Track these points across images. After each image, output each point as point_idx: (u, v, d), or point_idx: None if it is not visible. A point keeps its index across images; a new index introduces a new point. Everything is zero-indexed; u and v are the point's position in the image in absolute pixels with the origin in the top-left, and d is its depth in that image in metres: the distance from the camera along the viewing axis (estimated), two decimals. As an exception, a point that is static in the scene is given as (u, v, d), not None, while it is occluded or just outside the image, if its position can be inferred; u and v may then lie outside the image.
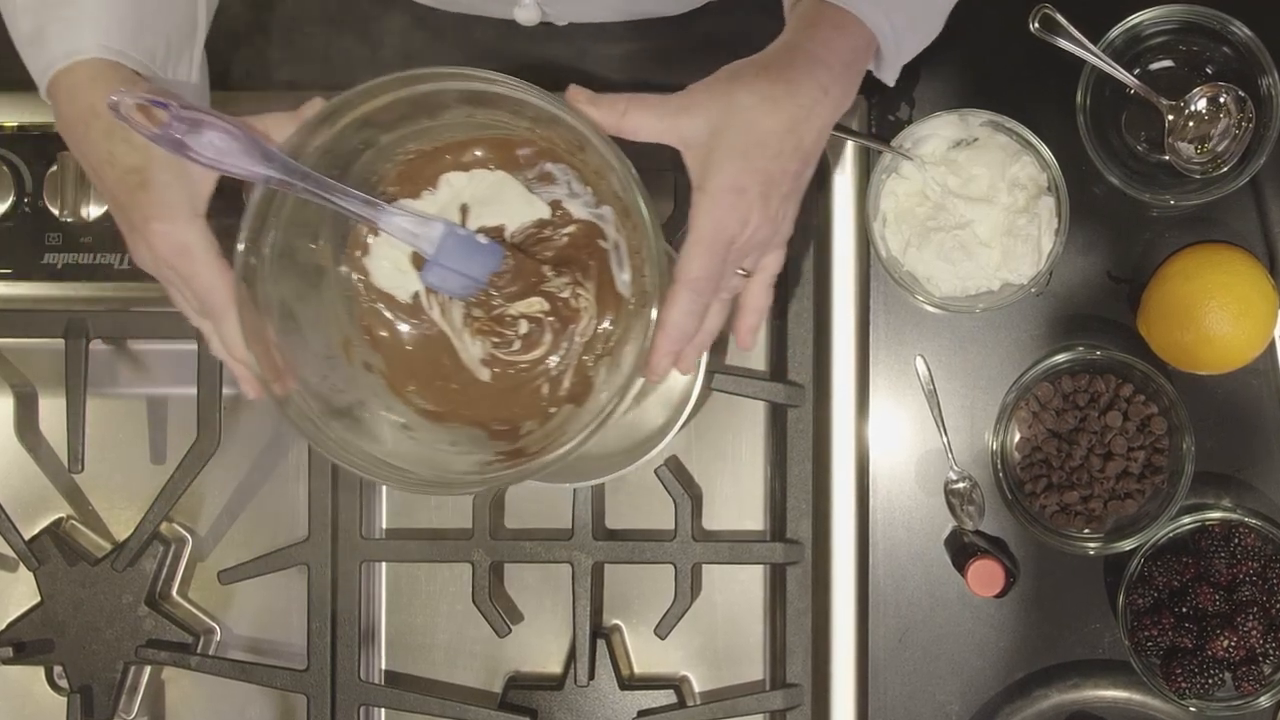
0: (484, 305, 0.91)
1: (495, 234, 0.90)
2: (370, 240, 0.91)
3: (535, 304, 0.91)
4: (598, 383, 0.91)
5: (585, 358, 0.91)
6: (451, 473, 0.88)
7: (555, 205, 0.91)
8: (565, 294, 0.91)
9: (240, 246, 0.82)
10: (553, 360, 0.92)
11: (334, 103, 0.82)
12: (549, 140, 0.88)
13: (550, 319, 0.92)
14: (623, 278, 0.90)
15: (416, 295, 0.91)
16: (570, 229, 0.91)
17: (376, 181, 0.89)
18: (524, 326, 0.91)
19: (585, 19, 1.06)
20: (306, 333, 0.88)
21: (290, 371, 0.85)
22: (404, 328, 0.92)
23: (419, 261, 0.89)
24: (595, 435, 0.82)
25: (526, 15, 1.01)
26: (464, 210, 0.90)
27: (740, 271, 0.85)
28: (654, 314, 0.81)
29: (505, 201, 0.90)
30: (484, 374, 0.92)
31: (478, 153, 0.90)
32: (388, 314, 0.92)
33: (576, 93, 0.81)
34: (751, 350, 0.91)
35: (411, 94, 0.83)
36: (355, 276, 0.91)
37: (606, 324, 0.91)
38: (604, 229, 0.90)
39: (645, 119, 0.81)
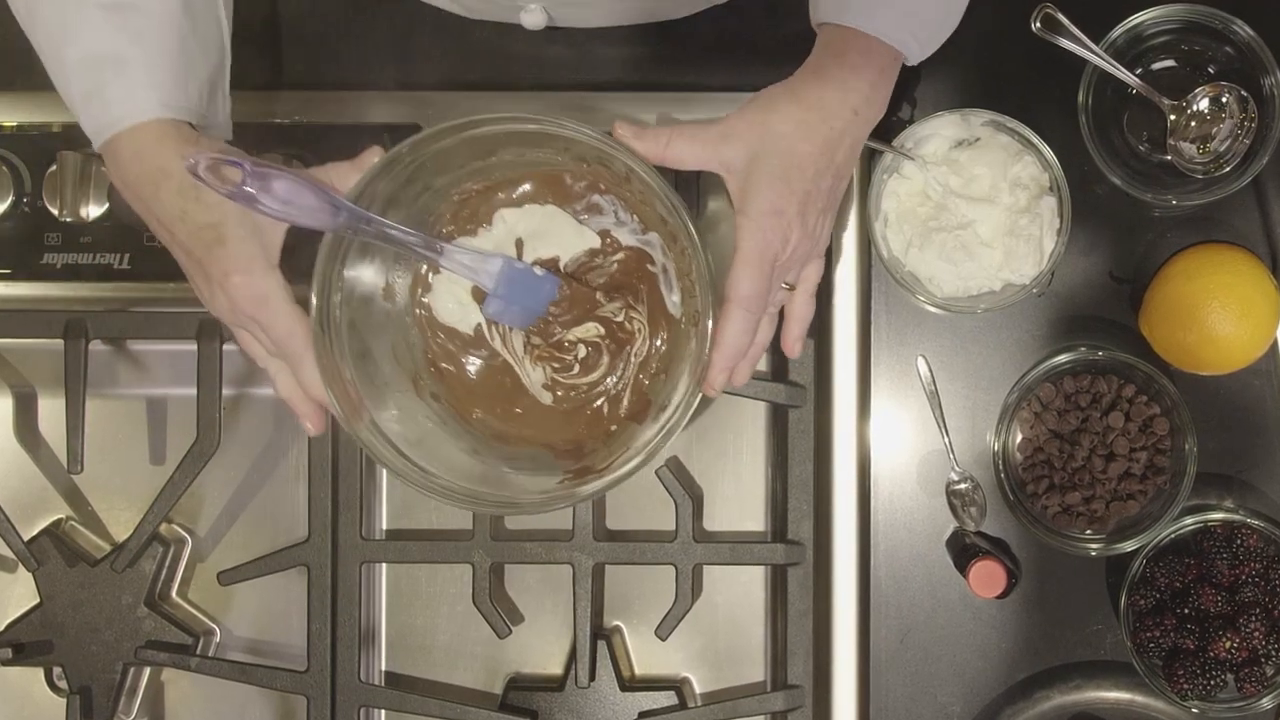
0: (543, 333, 0.97)
1: (550, 265, 0.96)
2: (432, 279, 0.96)
3: (591, 329, 0.96)
4: (655, 400, 0.96)
5: (641, 376, 0.97)
6: (521, 492, 0.93)
7: (604, 234, 0.96)
8: (619, 317, 0.96)
9: (313, 294, 0.87)
10: (610, 381, 0.97)
11: (393, 152, 0.86)
12: (595, 173, 0.93)
13: (606, 342, 0.97)
14: (672, 299, 0.96)
15: (478, 327, 0.97)
16: (620, 256, 0.97)
17: (434, 222, 0.95)
18: (582, 351, 0.97)
19: (591, 24, 1.06)
20: (377, 369, 0.93)
21: (364, 406, 0.90)
22: (468, 359, 0.98)
23: (479, 296, 0.95)
24: (659, 450, 0.88)
25: (533, 20, 1.02)
26: (519, 244, 0.96)
27: (784, 286, 0.90)
28: (709, 328, 0.86)
29: (557, 233, 0.96)
30: (546, 398, 0.98)
31: (528, 188, 0.96)
32: (452, 347, 0.97)
33: (623, 127, 0.86)
34: (798, 357, 0.98)
35: (466, 139, 0.88)
36: (419, 313, 0.97)
37: (659, 343, 0.96)
38: (652, 254, 0.96)
39: (688, 148, 0.86)
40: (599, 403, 0.97)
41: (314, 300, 0.87)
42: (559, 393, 0.98)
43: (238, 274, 0.84)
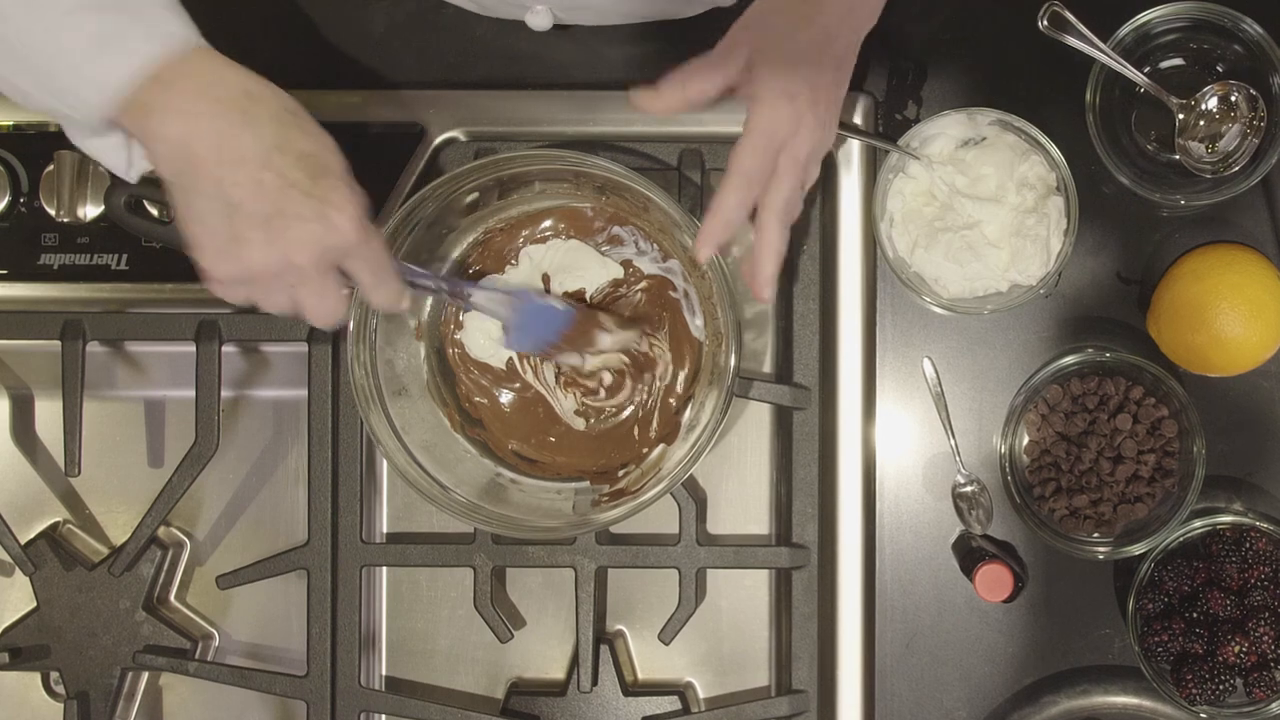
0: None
1: (578, 297, 1.01)
2: (463, 317, 1.02)
3: (614, 357, 1.01)
4: (684, 421, 1.01)
5: (669, 399, 1.01)
6: (561, 516, 0.99)
7: (627, 264, 1.02)
8: (642, 345, 1.01)
9: (349, 341, 0.94)
10: (637, 405, 1.02)
11: (416, 198, 0.92)
12: (615, 205, 0.99)
13: (629, 368, 1.01)
14: (695, 323, 1.01)
15: (510, 361, 1.02)
16: (643, 284, 1.02)
17: (461, 262, 1.01)
18: (607, 377, 1.02)
19: (597, 23, 1.06)
20: (414, 406, 0.99)
21: (404, 442, 0.97)
22: (501, 392, 1.03)
23: None
24: (687, 472, 0.93)
25: (538, 21, 1.02)
26: (546, 279, 1.01)
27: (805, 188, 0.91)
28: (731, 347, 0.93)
29: (582, 266, 1.01)
30: (579, 424, 1.03)
31: (551, 224, 1.01)
32: (485, 382, 1.03)
33: (637, 95, 0.88)
34: (770, 304, 1.01)
35: (485, 181, 0.93)
36: (452, 352, 1.02)
37: (684, 366, 1.01)
38: (673, 280, 1.01)
39: (703, 81, 0.88)
40: (629, 426, 1.02)
41: (351, 348, 0.94)
42: (591, 419, 1.02)
43: (352, 202, 0.78)
